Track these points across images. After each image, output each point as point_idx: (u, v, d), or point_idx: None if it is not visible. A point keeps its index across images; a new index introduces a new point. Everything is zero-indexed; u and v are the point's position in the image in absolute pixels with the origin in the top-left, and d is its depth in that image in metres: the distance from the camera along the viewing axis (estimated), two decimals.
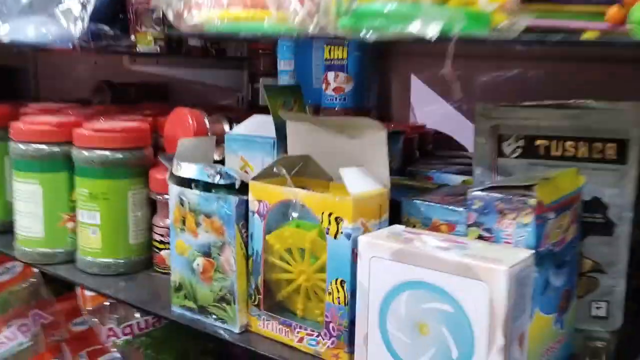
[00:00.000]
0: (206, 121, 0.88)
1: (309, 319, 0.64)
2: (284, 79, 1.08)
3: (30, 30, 0.82)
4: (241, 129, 0.74)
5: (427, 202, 0.61)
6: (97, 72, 1.46)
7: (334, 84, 1.01)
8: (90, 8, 0.81)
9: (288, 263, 0.63)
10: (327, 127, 0.65)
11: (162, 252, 0.83)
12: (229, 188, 0.66)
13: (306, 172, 0.67)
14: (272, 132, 0.71)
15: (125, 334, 0.95)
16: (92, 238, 0.82)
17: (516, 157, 0.65)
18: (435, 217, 0.60)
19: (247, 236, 0.65)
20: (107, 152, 0.80)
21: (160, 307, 0.73)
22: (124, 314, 0.98)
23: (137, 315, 0.97)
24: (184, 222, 0.68)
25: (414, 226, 0.61)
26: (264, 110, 1.16)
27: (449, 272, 0.48)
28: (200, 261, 0.67)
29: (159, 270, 0.84)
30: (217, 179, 0.66)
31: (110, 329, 0.95)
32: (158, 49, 0.99)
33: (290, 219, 0.63)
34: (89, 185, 0.80)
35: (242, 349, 0.64)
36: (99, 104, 1.27)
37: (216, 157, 0.76)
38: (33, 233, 0.85)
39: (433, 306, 0.49)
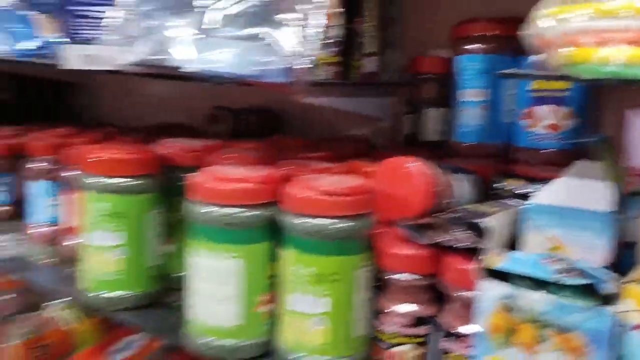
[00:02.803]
0: (437, 176, 0.69)
1: None
2: (469, 112, 0.90)
3: (226, 58, 0.62)
4: (551, 196, 0.56)
5: None
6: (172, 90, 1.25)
7: (548, 121, 0.83)
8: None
9: None
10: None
11: (397, 349, 0.64)
12: (576, 289, 0.48)
13: None
14: (599, 202, 0.53)
15: None
16: (313, 331, 0.62)
17: None
18: None
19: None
20: (338, 221, 0.61)
21: None
22: None
23: None
24: (511, 334, 0.50)
25: None
26: (425, 145, 0.99)
27: None
28: None
29: None
30: (565, 278, 0.48)
31: None
32: (326, 75, 0.81)
33: None
34: (316, 263, 0.61)
35: None
36: (216, 135, 1.06)
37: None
38: (221, 320, 0.65)
39: None
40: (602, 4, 0.43)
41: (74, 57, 0.67)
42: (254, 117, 1.11)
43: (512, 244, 0.58)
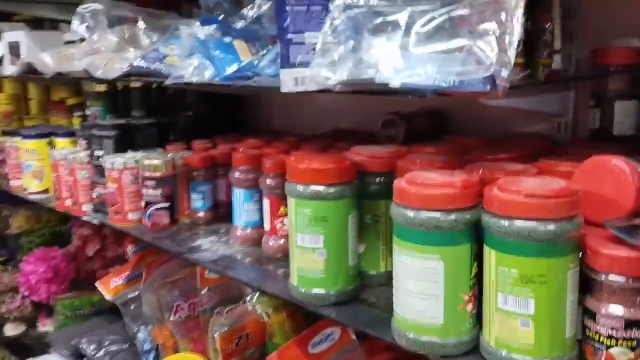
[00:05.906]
0: None
1: None
2: None
3: (427, 72, 0.66)
4: None
5: None
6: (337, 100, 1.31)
7: None
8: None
9: None
10: None
11: (612, 350, 0.64)
12: None
13: None
14: None
15: None
16: (520, 331, 0.64)
17: None
18: None
19: None
20: (544, 223, 0.62)
21: None
22: None
23: None
24: None
25: None
26: (615, 140, 0.95)
27: None
28: None
29: None
30: None
31: None
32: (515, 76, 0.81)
33: None
34: (520, 264, 0.63)
35: None
36: (389, 139, 1.11)
37: None
38: (428, 318, 0.69)
39: None
40: None
41: (288, 80, 0.75)
42: (424, 120, 1.13)
43: None
